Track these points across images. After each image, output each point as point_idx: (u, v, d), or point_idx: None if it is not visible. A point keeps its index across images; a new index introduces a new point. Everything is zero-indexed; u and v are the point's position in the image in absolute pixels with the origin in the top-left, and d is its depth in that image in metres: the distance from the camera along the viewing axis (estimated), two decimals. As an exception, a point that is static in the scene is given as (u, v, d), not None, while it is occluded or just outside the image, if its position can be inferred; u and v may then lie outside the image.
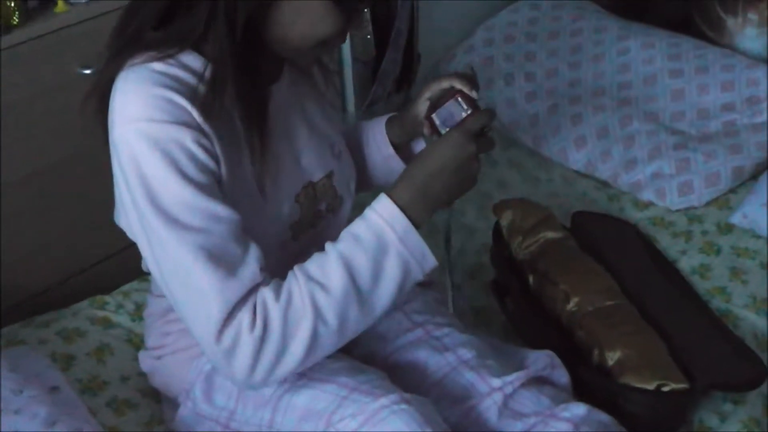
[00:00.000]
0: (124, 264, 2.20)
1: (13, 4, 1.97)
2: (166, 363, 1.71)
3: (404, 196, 1.43)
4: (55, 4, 2.08)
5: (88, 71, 2.05)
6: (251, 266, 1.37)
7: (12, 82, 2.00)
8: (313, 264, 1.41)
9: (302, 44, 1.43)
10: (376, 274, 1.41)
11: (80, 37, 2.09)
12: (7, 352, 1.83)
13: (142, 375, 1.86)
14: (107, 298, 2.14)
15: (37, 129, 2.09)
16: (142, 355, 1.80)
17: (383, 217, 1.42)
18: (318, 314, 1.37)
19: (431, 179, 1.45)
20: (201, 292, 1.35)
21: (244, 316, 1.35)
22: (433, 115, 1.60)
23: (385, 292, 1.42)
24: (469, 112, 1.56)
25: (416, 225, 1.43)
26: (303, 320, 1.37)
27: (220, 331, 1.35)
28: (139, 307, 2.09)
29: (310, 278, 1.39)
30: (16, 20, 1.99)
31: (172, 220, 1.34)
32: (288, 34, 1.41)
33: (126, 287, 2.18)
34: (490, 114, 1.55)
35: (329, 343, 1.41)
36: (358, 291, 1.40)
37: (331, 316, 1.38)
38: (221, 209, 1.36)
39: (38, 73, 2.06)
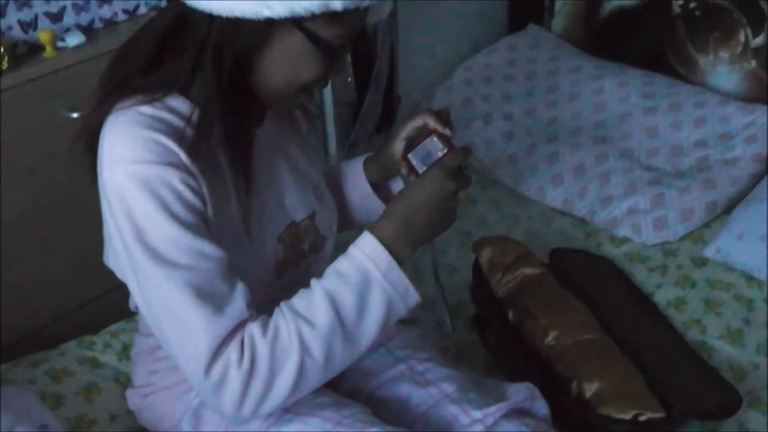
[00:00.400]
0: (111, 305, 2.22)
1: (2, 50, 2.01)
2: (154, 400, 1.72)
3: (387, 233, 1.46)
4: (43, 49, 2.11)
5: (75, 115, 2.07)
6: (238, 302, 1.39)
7: (2, 126, 2.03)
8: (299, 300, 1.43)
9: (286, 89, 1.46)
10: (361, 309, 1.43)
11: (67, 82, 2.12)
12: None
13: (130, 413, 1.86)
14: (95, 338, 2.16)
15: (26, 172, 2.11)
16: (130, 394, 1.80)
17: (366, 253, 1.44)
18: (304, 349, 1.39)
19: (413, 216, 1.48)
20: (189, 328, 1.36)
21: (232, 350, 1.37)
22: (410, 155, 1.63)
23: (370, 327, 1.44)
24: (445, 150, 1.59)
25: (399, 261, 1.45)
26: (290, 355, 1.39)
27: (209, 366, 1.37)
28: (126, 347, 2.11)
29: (296, 314, 1.41)
30: (5, 65, 2.02)
31: (160, 258, 1.36)
32: (272, 79, 1.44)
33: (113, 327, 2.20)
34: (467, 151, 1.58)
35: (316, 376, 1.43)
36: (343, 326, 1.42)
37: (317, 350, 1.40)
38: (208, 247, 1.38)
39: (27, 116, 2.08)
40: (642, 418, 1.81)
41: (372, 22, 1.57)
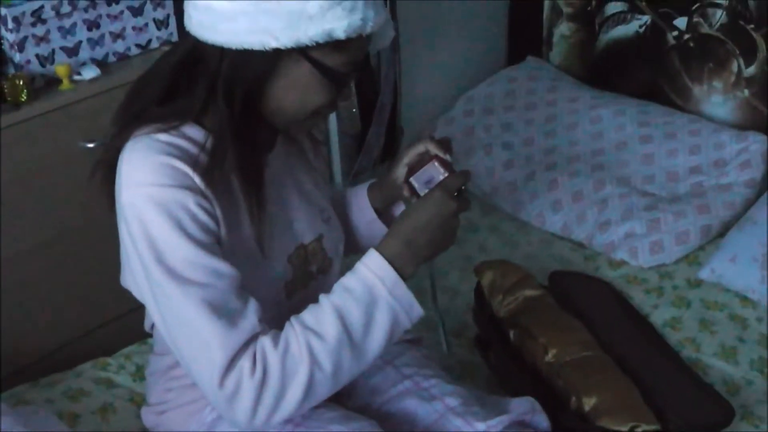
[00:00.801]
0: (124, 328, 2.28)
1: (21, 83, 2.05)
2: (169, 418, 1.76)
3: (392, 251, 1.51)
4: (60, 82, 2.16)
5: (91, 145, 2.11)
6: (251, 317, 1.44)
7: (20, 157, 2.08)
8: (309, 314, 1.48)
9: (296, 115, 1.51)
10: (368, 323, 1.47)
11: (83, 113, 2.15)
12: (18, 410, 1.89)
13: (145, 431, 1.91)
14: (110, 359, 2.21)
15: (44, 201, 2.15)
16: (145, 411, 1.84)
17: (373, 270, 1.49)
18: (314, 360, 1.44)
19: (416, 234, 1.52)
20: (204, 342, 1.41)
21: (245, 363, 1.42)
22: (412, 179, 1.68)
23: (376, 340, 1.49)
24: (446, 174, 1.63)
25: (404, 277, 1.50)
26: (300, 366, 1.43)
27: (223, 378, 1.41)
28: (140, 369, 2.16)
29: (306, 327, 1.46)
30: (24, 97, 2.07)
31: (177, 276, 1.41)
32: (282, 106, 1.49)
33: (127, 350, 2.25)
34: (466, 174, 1.63)
35: (325, 387, 1.47)
36: (350, 339, 1.46)
37: (326, 362, 1.45)
38: (222, 266, 1.43)
39: (45, 147, 2.12)
40: (638, 430, 1.86)
41: (375, 49, 1.62)
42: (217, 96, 1.45)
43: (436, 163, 1.66)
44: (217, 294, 1.43)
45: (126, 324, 2.28)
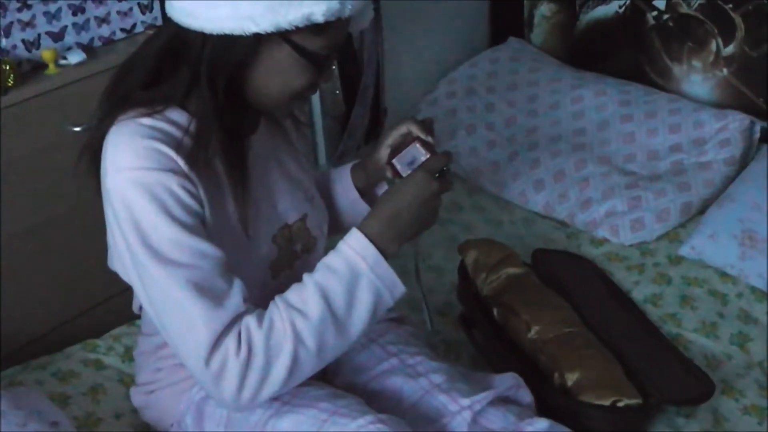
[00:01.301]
0: (113, 310, 2.30)
1: (7, 68, 2.06)
2: (158, 396, 1.79)
3: (374, 229, 1.53)
4: (46, 67, 2.17)
5: (77, 129, 2.12)
6: (235, 297, 1.46)
7: (7, 141, 2.08)
8: (292, 293, 1.50)
9: (279, 98, 1.53)
10: (350, 300, 1.50)
11: (70, 98, 2.16)
12: (9, 391, 1.90)
13: (134, 412, 1.94)
14: (98, 341, 2.22)
15: (32, 185, 2.16)
16: (134, 391, 1.87)
17: (355, 248, 1.51)
18: (298, 338, 1.46)
19: (398, 214, 1.55)
20: (190, 322, 1.44)
21: (230, 342, 1.44)
22: (394, 160, 1.70)
23: (359, 317, 1.51)
24: (428, 155, 1.66)
25: (386, 255, 1.52)
26: (284, 344, 1.46)
27: (209, 357, 1.44)
28: (129, 350, 2.17)
29: (289, 305, 1.48)
30: (11, 82, 2.07)
31: (162, 258, 1.43)
32: (265, 89, 1.51)
33: (116, 331, 2.26)
34: (448, 156, 1.65)
35: (309, 365, 1.50)
36: (334, 316, 1.49)
37: (310, 340, 1.47)
38: (207, 247, 1.45)
39: (32, 131, 2.13)
40: (620, 405, 1.89)
41: (355, 31, 1.64)
42: (200, 80, 1.47)
43: (418, 144, 1.68)
44: (202, 274, 1.44)
45: (114, 306, 2.31)
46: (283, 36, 1.44)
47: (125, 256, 1.48)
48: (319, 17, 1.41)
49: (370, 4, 1.61)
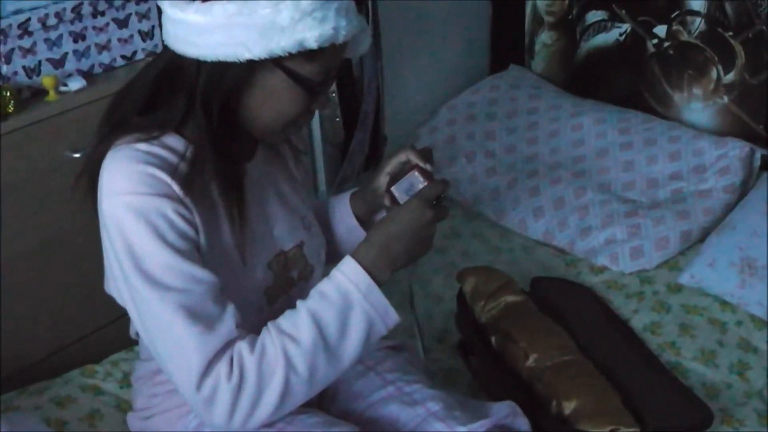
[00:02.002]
0: (111, 336, 2.30)
1: (8, 94, 2.07)
2: (154, 423, 1.78)
3: (367, 257, 1.54)
4: (47, 93, 2.18)
5: (77, 155, 2.12)
6: (228, 323, 1.47)
7: (7, 167, 2.09)
8: (285, 320, 1.50)
9: (273, 124, 1.54)
10: (343, 328, 1.50)
11: (69, 124, 2.17)
12: (7, 416, 1.91)
13: (131, 438, 1.93)
14: (97, 367, 2.23)
15: (31, 210, 2.16)
16: (131, 417, 1.86)
17: (348, 276, 1.51)
18: (289, 365, 1.46)
19: (392, 241, 1.55)
20: (182, 347, 1.44)
21: (221, 367, 1.44)
22: (393, 188, 1.71)
23: (351, 345, 1.51)
24: (425, 183, 1.66)
25: (378, 283, 1.52)
26: (276, 370, 1.46)
27: (200, 381, 1.44)
28: (127, 376, 2.17)
29: (281, 332, 1.48)
30: (11, 108, 2.08)
31: (154, 282, 1.43)
32: (259, 115, 1.52)
33: (114, 357, 2.26)
34: (445, 183, 1.65)
35: (301, 391, 1.49)
36: (326, 343, 1.48)
37: (301, 366, 1.47)
38: (200, 272, 1.46)
39: (31, 157, 2.14)
40: (617, 433, 1.89)
41: (353, 57, 1.64)
42: (195, 107, 1.48)
43: (417, 173, 1.69)
44: (195, 299, 1.45)
45: (113, 332, 2.31)
46: (276, 62, 1.45)
47: (119, 280, 1.49)
48: (312, 44, 1.42)
49: (367, 30, 1.62)
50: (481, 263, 2.65)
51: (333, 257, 1.89)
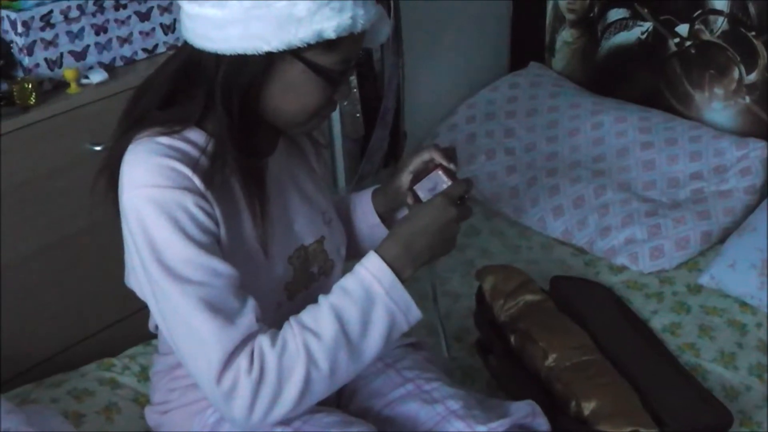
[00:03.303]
0: (129, 330, 2.30)
1: (30, 86, 2.07)
2: (171, 417, 1.78)
3: (390, 253, 1.53)
4: (68, 86, 2.18)
5: (98, 148, 2.13)
6: (248, 316, 1.46)
7: (28, 159, 2.09)
8: (307, 314, 1.50)
9: (296, 116, 1.54)
10: (365, 323, 1.49)
11: (91, 117, 2.17)
12: (24, 409, 1.90)
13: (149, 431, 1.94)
14: (114, 360, 2.23)
15: (52, 202, 2.17)
16: (148, 411, 1.86)
17: (371, 271, 1.51)
18: (311, 359, 1.45)
19: (415, 238, 1.54)
20: (202, 340, 1.43)
21: (242, 360, 1.43)
22: (416, 187, 1.70)
23: (373, 341, 1.51)
24: (449, 182, 1.66)
25: (402, 279, 1.52)
26: (297, 365, 1.45)
27: (220, 375, 1.43)
28: (145, 369, 2.18)
29: (303, 326, 1.47)
30: (33, 101, 2.08)
31: (175, 275, 1.43)
32: (281, 108, 1.52)
33: (132, 351, 2.27)
34: (469, 183, 1.65)
35: (321, 386, 1.49)
36: (348, 339, 1.48)
37: (322, 361, 1.46)
38: (220, 265, 1.45)
39: (53, 150, 2.14)
40: (637, 434, 1.88)
41: (372, 45, 1.64)
42: (215, 101, 1.48)
43: (440, 172, 1.69)
44: (215, 293, 1.44)
45: (130, 325, 2.31)
46: (295, 54, 1.45)
47: (140, 273, 1.49)
48: (330, 33, 1.42)
49: (385, 18, 1.61)
50: (500, 261, 2.64)
51: (354, 254, 1.90)
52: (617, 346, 2.22)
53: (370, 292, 1.50)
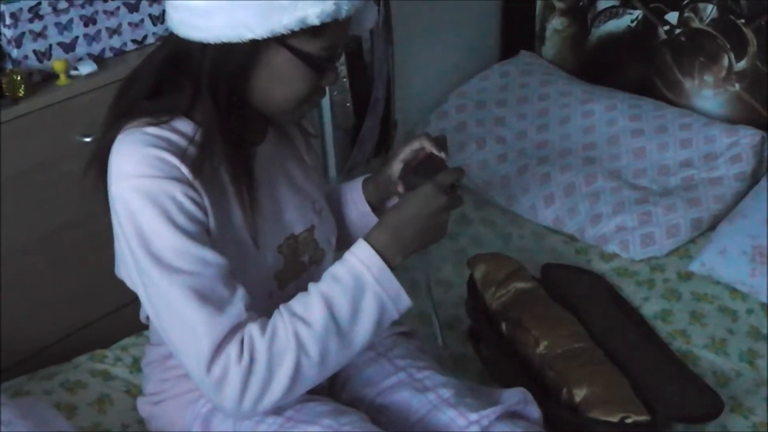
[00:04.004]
0: (121, 321, 2.29)
1: (19, 78, 2.07)
2: (163, 408, 1.79)
3: (380, 241, 1.53)
4: (57, 78, 2.17)
5: (88, 139, 2.12)
6: (238, 305, 1.47)
7: (18, 151, 2.09)
8: (297, 302, 1.51)
9: (285, 104, 1.54)
10: (355, 311, 1.50)
11: (80, 108, 2.17)
12: (16, 401, 1.90)
13: (141, 423, 1.93)
14: (106, 352, 2.23)
15: (42, 194, 2.17)
16: (141, 402, 1.87)
17: (361, 259, 1.51)
18: (301, 347, 1.46)
19: (405, 226, 1.55)
20: (191, 329, 1.44)
21: (232, 349, 1.44)
22: (406, 176, 1.71)
23: (363, 328, 1.51)
24: (439, 171, 1.65)
25: (391, 267, 1.52)
26: (287, 352, 1.46)
27: (210, 364, 1.44)
28: (137, 360, 2.17)
29: (293, 314, 1.48)
30: (22, 92, 2.08)
31: (164, 265, 1.44)
32: (269, 96, 1.52)
33: (124, 342, 2.26)
34: (460, 171, 1.65)
35: (311, 374, 1.49)
36: (337, 326, 1.48)
37: (312, 349, 1.47)
38: (209, 254, 1.46)
39: (42, 142, 2.14)
40: (628, 421, 1.89)
41: (360, 32, 1.64)
42: (203, 90, 1.49)
43: (431, 161, 1.69)
44: (204, 282, 1.45)
45: (122, 317, 2.31)
46: (280, 41, 1.45)
47: (129, 264, 1.49)
48: (314, 20, 1.42)
49: (372, 5, 1.61)
50: (492, 250, 2.64)
51: (345, 243, 1.88)
52: (608, 334, 2.23)
53: (359, 280, 1.51)
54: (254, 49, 1.45)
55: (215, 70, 1.47)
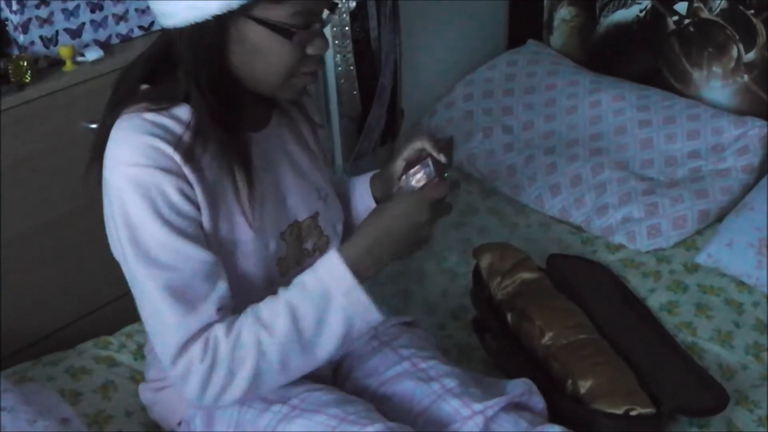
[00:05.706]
0: (126, 307, 2.26)
1: (25, 64, 2.07)
2: (165, 394, 1.80)
3: (354, 253, 1.53)
4: (63, 64, 2.18)
5: (93, 126, 2.07)
6: (210, 306, 1.50)
7: (24, 137, 2.09)
8: (265, 306, 1.52)
9: (271, 78, 1.53)
10: (319, 323, 1.51)
11: (87, 95, 2.17)
12: (21, 387, 1.91)
13: (145, 409, 1.94)
14: (111, 338, 2.23)
15: (48, 180, 2.17)
16: (143, 388, 1.89)
17: (330, 272, 1.52)
18: (261, 354, 1.49)
19: (383, 237, 1.55)
20: (163, 322, 1.49)
21: (196, 348, 1.48)
22: (402, 176, 1.70)
23: (328, 341, 1.53)
24: (435, 178, 1.64)
25: (362, 279, 1.52)
26: (247, 357, 1.49)
27: (175, 359, 1.49)
28: (141, 347, 2.18)
29: (258, 319, 1.50)
30: (28, 79, 2.08)
31: (145, 256, 1.47)
32: (253, 73, 1.52)
33: (128, 329, 2.27)
34: (450, 186, 1.64)
35: (272, 378, 1.53)
36: (300, 337, 1.50)
37: (273, 355, 1.50)
38: (192, 250, 1.48)
39: (48, 128, 2.14)
40: (633, 413, 1.88)
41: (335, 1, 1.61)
42: (189, 75, 1.50)
43: (430, 163, 1.67)
44: (182, 277, 1.48)
45: (127, 303, 2.26)
46: (244, 14, 1.45)
47: (117, 248, 1.54)
48: None
49: None
50: (497, 239, 2.64)
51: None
52: (614, 325, 2.22)
53: (326, 294, 1.52)
54: (222, 25, 1.46)
55: (190, 53, 1.48)
